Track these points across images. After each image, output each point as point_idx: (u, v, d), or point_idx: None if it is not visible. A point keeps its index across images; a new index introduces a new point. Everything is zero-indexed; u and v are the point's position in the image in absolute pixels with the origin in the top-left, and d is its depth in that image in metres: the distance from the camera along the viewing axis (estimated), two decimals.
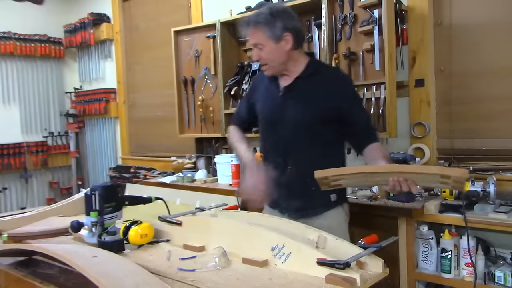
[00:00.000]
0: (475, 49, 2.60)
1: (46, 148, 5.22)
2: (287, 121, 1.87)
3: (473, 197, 2.13)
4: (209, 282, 1.23)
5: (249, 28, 1.85)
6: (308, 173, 1.65)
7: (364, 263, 1.28)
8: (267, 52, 1.83)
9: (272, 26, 1.81)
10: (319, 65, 2.01)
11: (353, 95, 1.96)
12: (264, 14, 1.82)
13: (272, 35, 1.81)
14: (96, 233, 1.59)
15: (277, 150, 1.93)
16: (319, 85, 1.86)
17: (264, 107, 1.99)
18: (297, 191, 1.88)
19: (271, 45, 1.82)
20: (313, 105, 1.85)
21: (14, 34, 4.90)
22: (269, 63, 1.86)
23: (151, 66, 4.58)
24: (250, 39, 1.88)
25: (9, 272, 1.46)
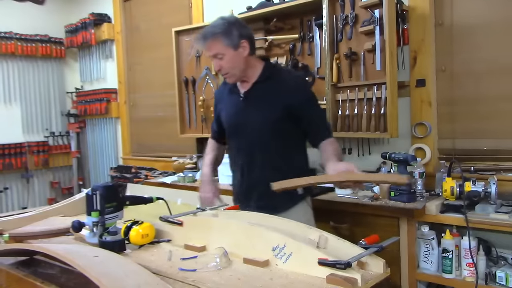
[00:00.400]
0: (476, 49, 2.60)
1: (47, 148, 5.22)
2: (250, 124, 2.00)
3: (474, 198, 2.13)
4: (210, 282, 1.23)
5: (207, 40, 1.94)
6: (274, 171, 1.89)
7: (365, 263, 1.28)
8: (228, 60, 1.93)
9: (230, 34, 1.92)
10: (274, 69, 2.10)
11: (308, 94, 2.06)
12: (220, 25, 1.94)
13: (230, 43, 1.92)
14: (97, 233, 1.59)
15: (243, 154, 2.04)
16: (276, 87, 1.98)
17: (227, 114, 2.12)
18: (265, 190, 1.90)
19: (231, 53, 1.93)
20: (272, 107, 1.96)
21: (15, 34, 4.91)
22: (230, 71, 1.97)
23: (152, 66, 4.59)
24: (209, 51, 1.97)
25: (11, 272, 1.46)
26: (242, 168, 2.06)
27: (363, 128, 2.70)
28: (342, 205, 2.41)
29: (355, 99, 2.74)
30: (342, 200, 2.43)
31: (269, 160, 1.99)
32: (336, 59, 2.79)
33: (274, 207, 1.90)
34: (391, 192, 2.33)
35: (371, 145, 2.94)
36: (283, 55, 3.21)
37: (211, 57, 1.98)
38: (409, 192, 2.26)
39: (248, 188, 2.06)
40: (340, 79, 2.82)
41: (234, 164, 2.15)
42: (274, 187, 1.66)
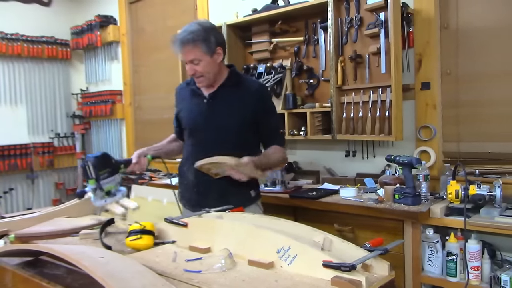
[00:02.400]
0: (481, 52, 2.59)
1: (52, 149, 5.24)
2: (213, 126, 2.08)
3: (479, 201, 2.12)
4: (215, 283, 1.23)
5: (186, 46, 1.99)
6: None
7: (369, 265, 1.28)
8: (204, 66, 2.01)
9: (208, 41, 2.00)
10: (239, 76, 2.22)
11: (270, 103, 2.21)
12: (199, 31, 1.99)
13: (208, 50, 2.00)
14: (99, 195, 1.73)
15: (201, 154, 2.06)
16: (240, 93, 2.08)
17: (189, 115, 2.20)
18: (221, 190, 2.08)
19: (207, 59, 2.01)
20: (235, 111, 2.06)
21: (21, 36, 4.94)
22: (205, 75, 2.05)
23: (157, 68, 4.60)
24: (186, 56, 2.02)
25: (17, 272, 1.47)
26: (197, 171, 2.07)
27: (368, 130, 2.70)
28: (347, 208, 2.40)
29: (360, 101, 2.74)
30: (347, 203, 2.43)
31: None
32: (341, 62, 2.79)
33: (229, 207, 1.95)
34: (396, 195, 2.32)
35: (375, 147, 2.94)
36: (288, 58, 3.22)
37: (187, 62, 2.03)
38: (414, 195, 2.26)
39: (205, 189, 2.12)
40: (345, 82, 2.82)
41: (187, 163, 2.19)
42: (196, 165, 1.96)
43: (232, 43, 3.38)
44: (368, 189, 2.65)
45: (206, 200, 2.04)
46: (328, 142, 3.13)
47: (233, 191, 2.08)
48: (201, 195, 2.13)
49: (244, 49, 3.46)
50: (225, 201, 1.96)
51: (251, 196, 2.18)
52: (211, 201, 2.02)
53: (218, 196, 2.07)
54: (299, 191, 2.77)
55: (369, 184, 2.74)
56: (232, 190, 2.08)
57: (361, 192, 2.61)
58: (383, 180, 2.57)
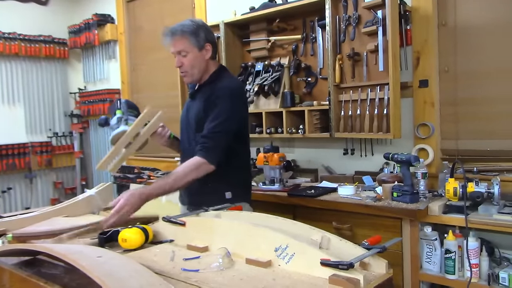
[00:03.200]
0: (479, 50, 2.59)
1: (50, 149, 5.24)
2: (184, 125, 2.16)
3: (477, 198, 2.12)
4: (213, 282, 1.23)
5: (175, 36, 2.05)
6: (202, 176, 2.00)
7: (367, 264, 1.28)
8: (191, 59, 2.05)
9: (197, 35, 2.05)
10: (220, 75, 2.16)
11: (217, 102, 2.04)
12: (189, 25, 2.06)
13: (196, 43, 2.04)
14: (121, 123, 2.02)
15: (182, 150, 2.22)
16: (207, 93, 2.09)
17: (182, 113, 2.31)
18: (195, 188, 2.07)
19: (195, 52, 2.05)
20: (197, 111, 2.09)
21: (19, 35, 4.93)
22: (189, 70, 2.08)
23: (155, 67, 4.59)
24: (174, 47, 2.06)
25: (14, 272, 1.47)
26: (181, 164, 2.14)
27: (366, 128, 2.70)
28: (345, 206, 2.40)
29: (358, 99, 2.74)
30: (345, 201, 2.43)
31: None
32: (339, 60, 2.79)
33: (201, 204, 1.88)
34: (394, 192, 2.33)
35: (374, 145, 2.94)
36: (286, 56, 3.21)
37: (175, 53, 2.07)
38: (412, 193, 2.26)
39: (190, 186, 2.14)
40: (343, 80, 2.82)
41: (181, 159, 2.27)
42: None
43: (230, 41, 3.38)
44: (366, 187, 2.65)
45: (185, 197, 2.19)
46: (326, 140, 3.13)
47: (201, 190, 2.08)
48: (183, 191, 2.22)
49: (242, 47, 3.46)
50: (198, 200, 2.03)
51: (225, 198, 2.08)
52: (186, 197, 2.18)
53: (189, 193, 2.16)
54: (298, 189, 2.77)
55: (367, 182, 2.74)
56: (204, 188, 2.07)
57: (359, 190, 2.61)
58: (381, 178, 2.57)
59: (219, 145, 2.01)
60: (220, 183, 2.07)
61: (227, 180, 2.10)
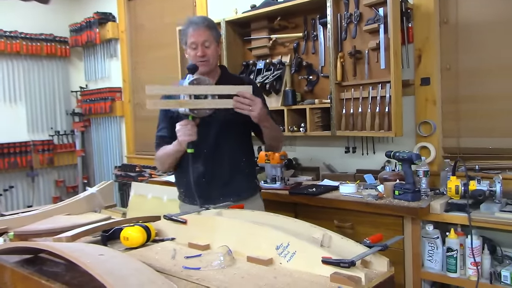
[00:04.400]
0: (481, 48, 2.59)
1: (52, 147, 5.25)
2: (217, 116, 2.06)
3: (479, 196, 2.12)
4: (214, 280, 1.23)
5: (201, 27, 2.10)
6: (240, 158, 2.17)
7: (369, 262, 1.28)
8: (213, 50, 2.12)
9: (217, 32, 2.18)
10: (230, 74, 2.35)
11: (261, 93, 2.30)
12: (211, 20, 2.18)
13: (216, 38, 2.16)
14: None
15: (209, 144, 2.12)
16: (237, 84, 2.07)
17: None
18: (227, 178, 2.13)
19: (215, 46, 2.14)
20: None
21: (20, 34, 4.93)
22: (210, 60, 2.13)
23: (157, 65, 4.59)
24: (200, 36, 2.10)
25: (15, 269, 1.47)
26: (207, 157, 2.12)
27: (368, 126, 2.69)
28: (346, 204, 2.40)
29: (359, 97, 2.74)
30: (346, 199, 2.42)
31: (234, 147, 2.15)
32: (340, 58, 2.79)
33: (237, 194, 2.11)
34: (396, 191, 2.32)
35: (375, 143, 2.94)
36: (287, 54, 3.21)
37: (199, 43, 2.09)
38: (414, 191, 2.26)
39: (213, 178, 2.13)
40: (344, 78, 2.81)
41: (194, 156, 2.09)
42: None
43: (231, 39, 3.37)
44: (368, 185, 2.64)
45: (215, 188, 2.11)
46: (327, 138, 3.12)
47: (239, 179, 2.15)
48: (210, 183, 2.12)
49: (243, 45, 3.45)
50: (233, 189, 2.11)
51: (256, 185, 2.29)
52: (217, 190, 2.11)
53: (223, 184, 2.13)
54: (299, 187, 2.77)
55: (369, 180, 2.73)
56: (238, 178, 2.15)
57: (361, 188, 2.60)
58: (383, 176, 2.57)
59: None
60: (252, 171, 2.26)
61: (254, 168, 2.32)
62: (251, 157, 2.29)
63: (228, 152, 2.14)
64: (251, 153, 2.29)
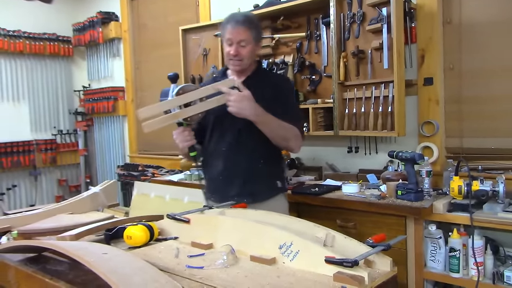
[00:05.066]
0: (484, 48, 2.58)
1: (55, 146, 5.26)
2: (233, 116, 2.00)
3: (482, 197, 2.11)
4: (217, 279, 1.23)
5: (240, 26, 2.04)
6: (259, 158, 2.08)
7: (372, 261, 1.28)
8: (248, 51, 2.06)
9: (258, 31, 2.11)
10: (265, 70, 2.31)
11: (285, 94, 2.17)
12: (252, 19, 2.10)
13: (256, 37, 2.08)
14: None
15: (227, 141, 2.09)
16: (262, 86, 2.08)
17: None
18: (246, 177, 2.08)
19: (252, 46, 2.07)
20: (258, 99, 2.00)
21: (23, 33, 4.94)
22: (245, 60, 2.07)
23: (159, 64, 4.60)
24: (237, 35, 2.04)
25: (19, 268, 1.47)
26: (226, 155, 2.11)
27: (370, 126, 2.69)
28: (349, 204, 2.40)
29: (362, 97, 2.73)
30: (349, 199, 2.42)
31: (254, 147, 2.07)
32: (343, 58, 2.79)
33: (254, 194, 2.05)
34: (398, 191, 2.32)
35: (378, 143, 2.94)
36: (290, 54, 3.21)
37: (235, 42, 2.03)
38: (416, 191, 2.26)
39: (230, 175, 2.11)
40: (347, 78, 2.81)
41: (214, 153, 2.16)
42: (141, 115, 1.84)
43: None
44: (371, 185, 2.64)
45: (231, 187, 2.09)
46: (330, 138, 3.12)
47: (257, 178, 2.10)
48: (226, 181, 2.12)
49: None
50: (249, 188, 2.06)
51: (277, 186, 2.16)
52: (235, 188, 2.08)
53: (242, 182, 2.09)
54: (302, 187, 2.76)
55: (371, 180, 2.73)
56: (256, 177, 2.10)
57: (364, 188, 2.60)
58: (386, 176, 2.56)
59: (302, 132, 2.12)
60: (272, 172, 2.15)
61: (277, 169, 2.19)
62: (273, 158, 2.16)
63: (246, 152, 2.08)
64: (273, 153, 2.16)
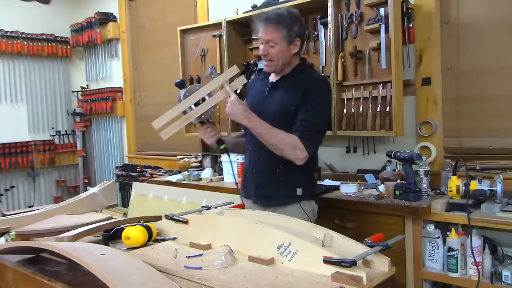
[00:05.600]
0: (482, 48, 2.58)
1: (53, 147, 5.25)
2: (264, 115, 1.97)
3: (480, 196, 2.12)
4: (216, 280, 1.23)
5: (269, 25, 1.94)
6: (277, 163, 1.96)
7: (370, 261, 1.28)
8: (278, 51, 1.95)
9: (290, 29, 1.94)
10: (304, 68, 2.10)
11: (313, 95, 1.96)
12: (285, 16, 1.94)
13: (287, 37, 1.94)
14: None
15: (254, 140, 2.01)
16: (295, 85, 1.98)
17: (252, 100, 2.15)
18: (263, 180, 2.03)
19: (283, 46, 1.94)
20: (284, 102, 1.98)
21: (21, 34, 4.94)
22: (275, 60, 1.97)
23: (157, 65, 4.60)
24: (264, 35, 1.95)
25: (17, 269, 1.47)
26: (250, 154, 2.10)
27: (368, 126, 2.69)
28: (348, 204, 2.40)
29: (360, 97, 2.74)
30: (348, 199, 2.43)
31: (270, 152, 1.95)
32: (341, 58, 2.79)
33: (267, 198, 2.01)
34: (397, 190, 2.32)
35: (376, 143, 2.94)
36: None
37: (263, 41, 1.96)
38: (415, 191, 2.26)
39: (251, 176, 2.09)
40: (345, 78, 2.81)
41: (246, 150, 2.16)
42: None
43: (232, 39, 3.37)
44: (369, 185, 2.64)
45: (251, 187, 2.08)
46: (328, 138, 3.10)
47: (273, 182, 2.00)
48: (249, 180, 2.10)
49: (244, 45, 3.45)
50: (264, 192, 2.01)
51: (296, 194, 2.01)
52: (253, 188, 2.06)
53: (258, 185, 2.04)
54: None
55: (369, 180, 2.74)
56: (272, 181, 2.00)
57: (362, 188, 2.60)
58: (384, 176, 2.57)
59: (317, 138, 1.95)
60: (293, 178, 2.00)
61: (299, 175, 2.02)
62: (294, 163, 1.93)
63: (266, 154, 1.97)
64: None
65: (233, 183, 2.32)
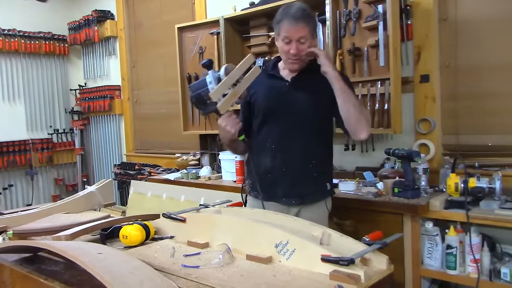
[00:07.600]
0: (481, 45, 2.58)
1: (51, 145, 5.24)
2: (292, 110, 1.97)
3: (478, 194, 2.12)
4: (213, 278, 1.23)
5: (300, 22, 1.89)
6: (311, 158, 1.95)
7: (368, 259, 1.27)
8: (307, 47, 1.93)
9: (316, 26, 2.01)
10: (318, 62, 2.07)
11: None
12: (308, 11, 1.95)
13: (314, 32, 1.97)
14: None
15: (278, 137, 1.98)
16: (319, 79, 1.94)
17: (266, 97, 2.05)
18: (294, 178, 1.98)
19: (311, 41, 1.95)
20: (314, 97, 1.97)
21: (18, 32, 4.92)
22: (303, 57, 1.95)
23: (155, 63, 4.59)
24: (296, 32, 1.90)
25: (14, 268, 1.47)
26: (274, 152, 1.99)
27: None
28: (346, 201, 2.40)
29: (358, 95, 2.73)
30: (346, 197, 2.42)
31: (306, 145, 1.97)
32: (340, 55, 2.78)
33: (301, 196, 1.96)
34: (395, 188, 2.32)
35: (374, 141, 2.93)
36: None
37: (294, 40, 1.91)
38: (413, 188, 2.26)
39: (279, 175, 1.99)
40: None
41: (262, 149, 2.05)
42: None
43: (230, 37, 3.36)
44: (367, 183, 2.64)
45: (278, 187, 1.99)
46: None
47: (307, 180, 1.98)
48: (274, 181, 2.00)
49: (242, 43, 3.44)
50: (297, 190, 1.96)
51: (327, 189, 2.04)
52: (283, 188, 1.98)
53: (289, 183, 1.98)
54: None
55: (368, 177, 2.73)
56: (306, 178, 1.98)
57: (360, 185, 2.60)
58: (382, 173, 2.56)
59: None
60: (324, 173, 2.04)
61: (329, 170, 2.09)
62: (324, 157, 2.03)
63: (297, 151, 1.96)
64: (325, 153, 2.06)
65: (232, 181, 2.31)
